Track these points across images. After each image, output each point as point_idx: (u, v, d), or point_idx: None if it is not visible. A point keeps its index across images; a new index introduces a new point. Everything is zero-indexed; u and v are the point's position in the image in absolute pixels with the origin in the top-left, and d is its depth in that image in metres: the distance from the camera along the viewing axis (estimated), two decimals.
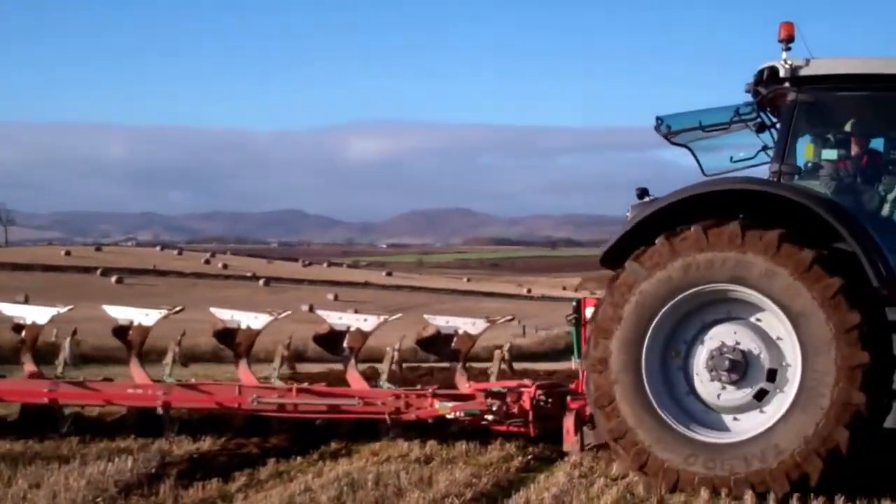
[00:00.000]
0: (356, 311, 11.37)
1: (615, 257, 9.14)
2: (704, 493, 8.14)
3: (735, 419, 8.59)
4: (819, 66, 8.92)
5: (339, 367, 11.88)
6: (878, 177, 9.00)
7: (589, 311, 10.27)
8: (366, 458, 9.86)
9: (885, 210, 8.88)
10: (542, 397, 10.07)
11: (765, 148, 9.97)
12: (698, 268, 8.46)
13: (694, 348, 8.74)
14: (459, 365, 10.93)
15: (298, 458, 9.84)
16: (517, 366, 12.77)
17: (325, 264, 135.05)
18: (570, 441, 9.71)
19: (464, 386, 10.76)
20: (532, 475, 9.19)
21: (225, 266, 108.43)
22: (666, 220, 8.79)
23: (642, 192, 9.69)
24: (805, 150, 9.16)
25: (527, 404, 10.03)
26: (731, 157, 10.10)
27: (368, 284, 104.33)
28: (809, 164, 9.12)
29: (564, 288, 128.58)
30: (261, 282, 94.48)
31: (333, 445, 10.42)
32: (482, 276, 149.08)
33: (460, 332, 10.94)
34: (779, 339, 8.47)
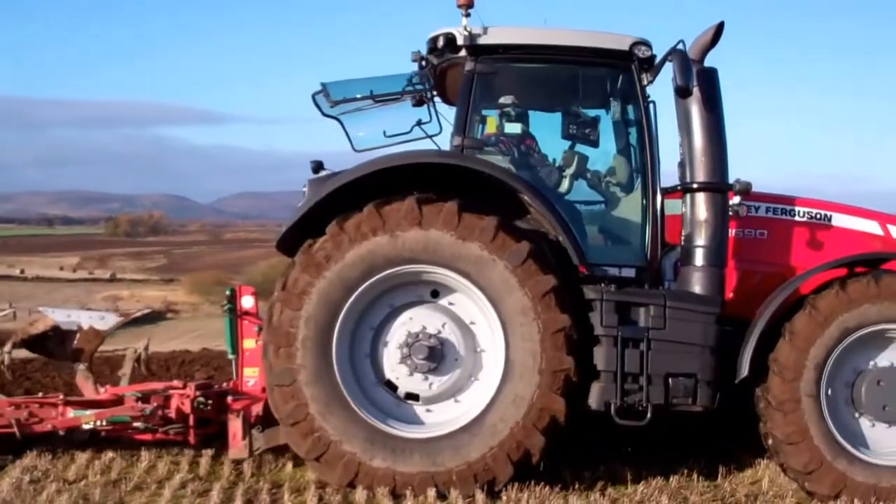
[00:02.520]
0: None
1: (293, 239, 8.17)
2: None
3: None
4: (498, 35, 8.52)
5: None
6: (557, 152, 8.81)
7: (246, 301, 9.14)
8: None
9: (565, 186, 8.73)
10: (202, 399, 8.78)
11: (419, 122, 9.43)
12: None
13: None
14: (83, 366, 9.31)
15: None
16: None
17: None
18: (237, 446, 8.57)
19: (91, 390, 9.17)
20: None
21: None
22: (349, 196, 8.00)
23: (317, 166, 8.77)
24: (487, 123, 8.73)
25: (187, 408, 8.75)
26: (385, 132, 9.44)
27: None
28: (493, 138, 8.71)
29: (62, 268, 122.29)
30: None
31: None
32: None
33: (85, 327, 9.30)
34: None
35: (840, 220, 8.91)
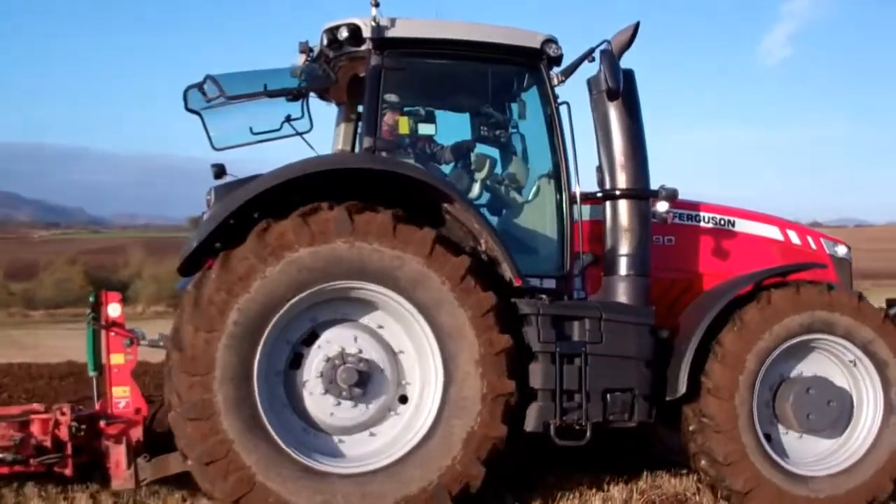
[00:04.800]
0: None
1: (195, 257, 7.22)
2: None
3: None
4: (407, 28, 7.86)
5: None
6: (468, 155, 8.28)
7: (113, 309, 7.90)
8: None
9: (475, 191, 8.23)
10: (75, 424, 7.58)
11: (289, 119, 8.64)
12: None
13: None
14: None
15: None
16: None
17: None
18: (121, 476, 7.47)
19: None
20: None
21: None
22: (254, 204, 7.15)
23: (220, 171, 7.82)
24: (400, 123, 8.04)
25: (64, 434, 7.50)
26: (252, 129, 8.57)
27: None
28: (407, 140, 8.04)
29: None
30: None
31: None
32: None
33: None
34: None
35: (743, 226, 8.87)
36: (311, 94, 8.65)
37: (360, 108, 9.01)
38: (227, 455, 6.74)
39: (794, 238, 9.00)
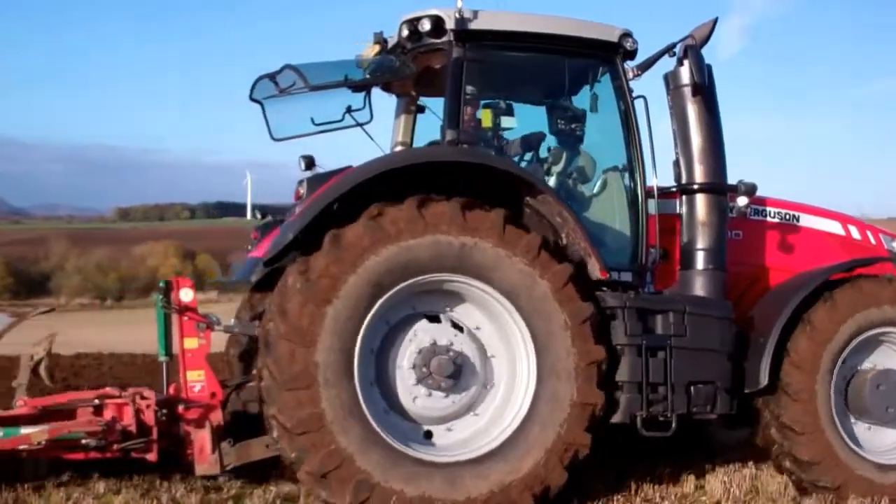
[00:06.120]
0: None
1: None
2: None
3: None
4: (488, 21, 7.85)
5: None
6: (537, 147, 8.36)
7: (185, 294, 7.81)
8: None
9: (551, 184, 8.22)
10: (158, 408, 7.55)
11: (349, 110, 8.65)
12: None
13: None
14: None
15: None
16: None
17: None
18: (206, 461, 7.43)
19: None
20: None
21: None
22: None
23: (310, 162, 7.77)
24: (483, 116, 8.07)
25: (150, 419, 7.46)
26: (313, 119, 8.57)
27: None
28: (489, 133, 8.06)
29: None
30: None
31: None
32: None
33: None
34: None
35: (807, 221, 8.98)
36: (375, 85, 8.66)
37: (422, 101, 9.10)
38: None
39: (855, 233, 9.13)
